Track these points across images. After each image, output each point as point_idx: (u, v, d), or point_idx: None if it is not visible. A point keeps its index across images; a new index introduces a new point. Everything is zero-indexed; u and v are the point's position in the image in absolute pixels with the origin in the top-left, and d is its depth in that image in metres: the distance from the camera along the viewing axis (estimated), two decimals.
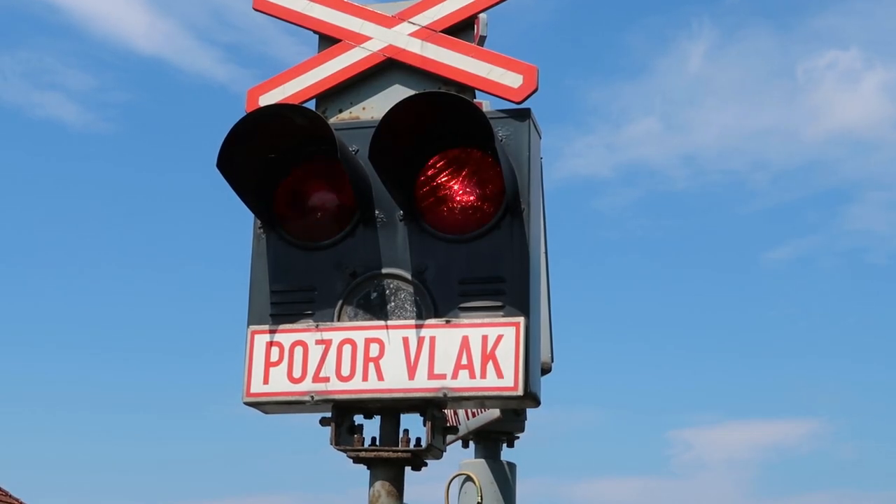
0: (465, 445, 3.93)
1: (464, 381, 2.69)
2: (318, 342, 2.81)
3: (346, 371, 2.77)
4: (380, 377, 2.74)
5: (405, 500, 2.79)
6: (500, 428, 3.82)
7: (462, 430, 3.79)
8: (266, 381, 2.83)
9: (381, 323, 2.79)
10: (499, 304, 2.73)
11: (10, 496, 32.66)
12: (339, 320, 2.83)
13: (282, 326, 2.86)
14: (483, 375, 2.68)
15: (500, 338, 2.69)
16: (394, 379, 2.73)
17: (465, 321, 2.73)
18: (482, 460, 3.80)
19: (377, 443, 2.79)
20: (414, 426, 2.81)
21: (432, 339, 2.74)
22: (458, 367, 2.70)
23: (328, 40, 3.09)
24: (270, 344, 2.85)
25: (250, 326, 2.89)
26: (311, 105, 3.03)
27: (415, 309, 2.79)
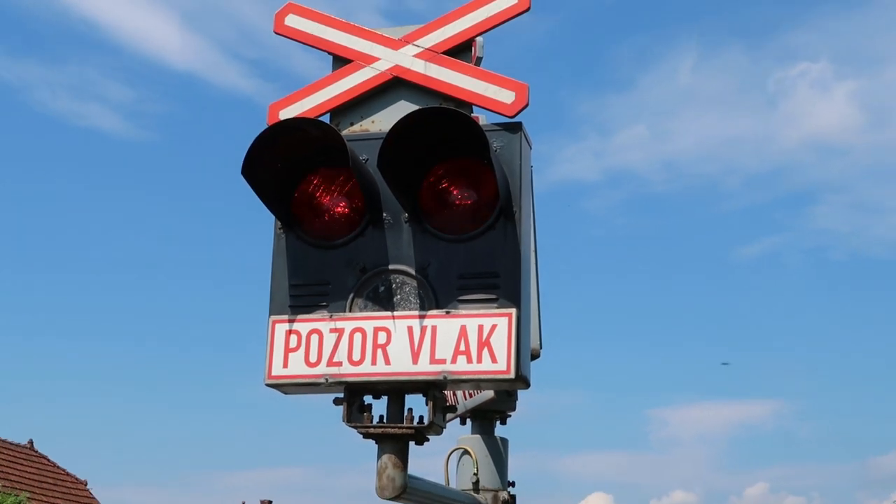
0: (463, 423, 3.93)
1: (462, 366, 2.73)
2: (331, 330, 2.85)
3: (356, 356, 2.81)
4: (387, 362, 2.78)
5: (409, 472, 2.82)
6: (494, 407, 3.84)
7: (460, 409, 3.80)
8: (285, 366, 2.86)
9: (388, 314, 2.83)
10: (493, 296, 2.76)
11: (58, 467, 32.50)
12: (350, 311, 2.86)
13: (299, 316, 2.89)
14: (479, 360, 2.71)
15: (494, 327, 2.72)
16: (399, 363, 2.77)
17: (464, 312, 2.77)
18: (478, 436, 3.81)
19: (384, 420, 2.82)
20: (417, 405, 2.83)
21: (434, 328, 2.77)
22: (456, 352, 2.73)
23: (341, 60, 3.12)
24: (289, 332, 2.88)
25: (271, 316, 2.92)
26: (326, 118, 3.06)
27: (418, 301, 2.82)
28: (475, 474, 3.69)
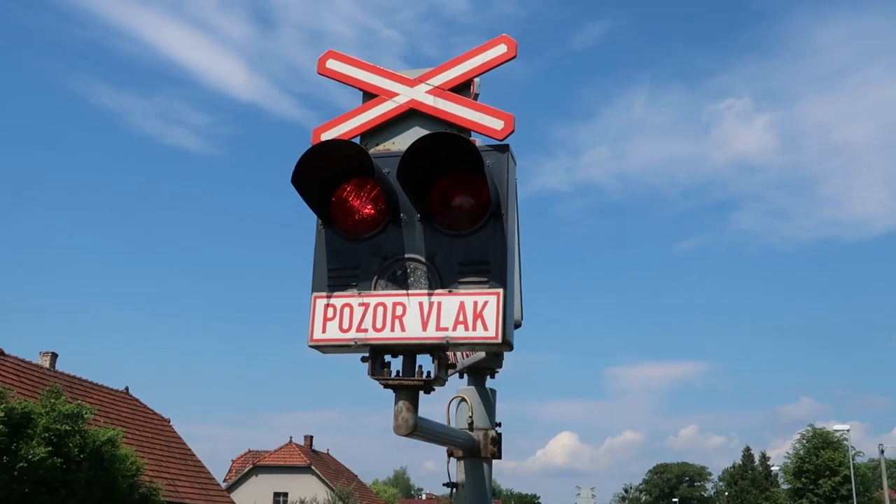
0: (461, 377, 3.90)
1: (460, 332, 2.73)
2: (360, 304, 2.86)
3: (379, 324, 2.82)
4: (402, 329, 2.79)
5: (419, 414, 2.83)
6: (485, 365, 3.82)
7: (459, 366, 3.81)
8: (324, 331, 2.87)
9: (404, 292, 2.83)
10: (485, 279, 2.77)
11: (147, 408, 32.65)
12: (374, 290, 2.87)
13: (335, 293, 2.90)
14: (474, 328, 2.72)
15: (486, 303, 2.74)
16: (412, 330, 2.78)
17: (462, 291, 2.78)
18: (472, 387, 3.80)
19: (400, 374, 2.83)
20: (426, 363, 2.85)
21: (439, 303, 2.78)
22: (456, 322, 2.74)
23: (369, 95, 3.13)
24: (327, 305, 2.89)
25: (313, 293, 2.93)
26: (357, 140, 3.07)
27: (427, 282, 2.83)
28: (470, 417, 3.70)
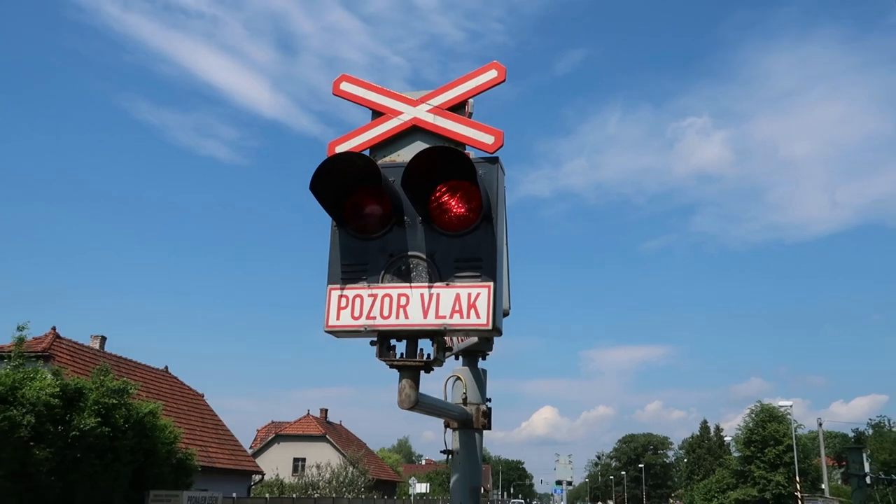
0: (457, 358, 3.88)
1: (456, 320, 2.73)
2: (369, 295, 2.85)
3: (385, 313, 2.81)
4: (406, 317, 2.78)
5: (420, 391, 2.83)
6: (478, 348, 3.81)
7: (455, 349, 3.78)
8: (338, 318, 2.86)
9: (407, 284, 2.83)
10: (478, 274, 2.77)
11: (184, 384, 32.58)
12: (382, 282, 2.86)
13: (347, 286, 2.89)
14: (468, 316, 2.72)
15: (478, 294, 2.73)
16: (414, 318, 2.77)
17: (458, 284, 2.77)
18: (467, 367, 3.79)
19: (404, 356, 2.82)
20: (426, 347, 2.84)
21: (438, 295, 2.77)
22: (453, 311, 2.74)
23: (377, 113, 3.12)
24: (340, 296, 2.88)
25: (329, 285, 2.92)
26: (367, 152, 3.06)
27: (428, 276, 2.82)
28: (464, 393, 3.69)
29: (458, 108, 3.02)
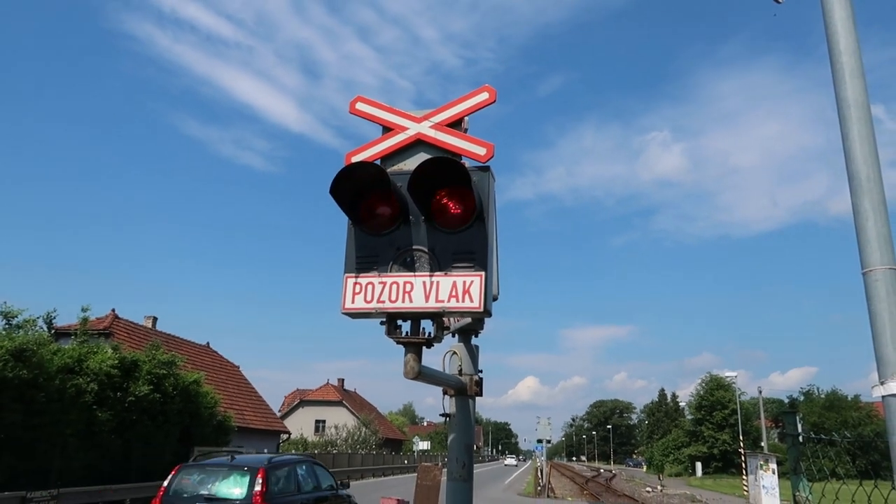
0: (453, 336, 3.88)
1: (454, 303, 2.72)
2: (379, 282, 2.83)
3: (393, 297, 2.79)
4: (410, 301, 2.77)
5: (422, 363, 2.81)
6: (471, 327, 3.79)
7: (452, 328, 3.77)
8: (353, 302, 2.84)
9: (412, 273, 2.81)
10: (472, 265, 2.75)
11: (223, 358, 32.54)
12: (390, 272, 2.85)
13: (361, 274, 2.88)
14: (464, 300, 2.71)
15: (472, 282, 2.72)
16: (417, 302, 2.76)
17: (455, 273, 2.76)
18: (462, 344, 3.78)
19: (409, 334, 2.81)
20: (427, 326, 2.84)
21: (438, 282, 2.76)
22: (451, 296, 2.72)
23: (387, 128, 3.11)
24: (355, 283, 2.87)
25: (345, 274, 2.91)
26: (378, 162, 3.04)
27: (429, 267, 2.81)
28: (460, 365, 3.68)
29: (455, 125, 3.01)
